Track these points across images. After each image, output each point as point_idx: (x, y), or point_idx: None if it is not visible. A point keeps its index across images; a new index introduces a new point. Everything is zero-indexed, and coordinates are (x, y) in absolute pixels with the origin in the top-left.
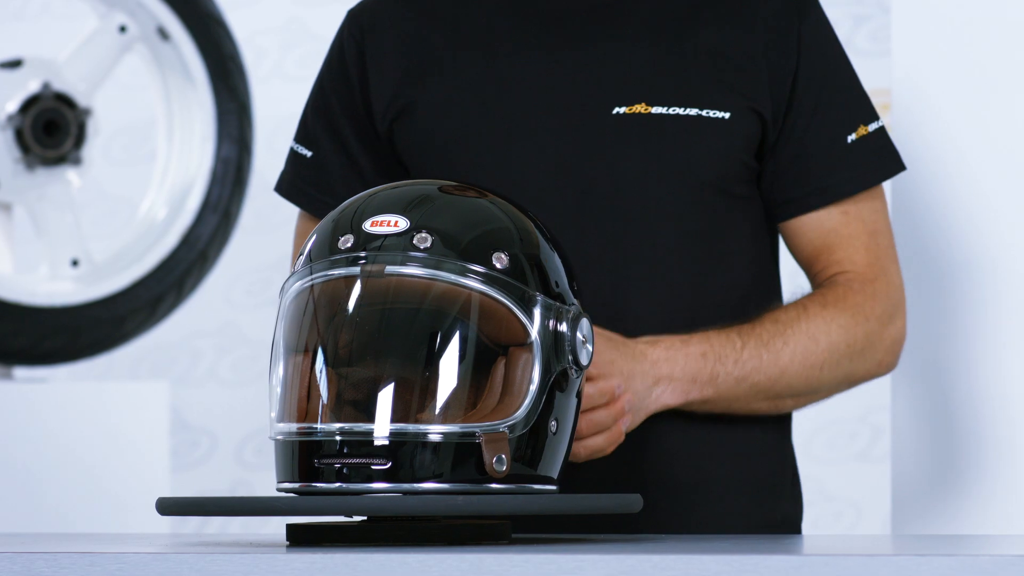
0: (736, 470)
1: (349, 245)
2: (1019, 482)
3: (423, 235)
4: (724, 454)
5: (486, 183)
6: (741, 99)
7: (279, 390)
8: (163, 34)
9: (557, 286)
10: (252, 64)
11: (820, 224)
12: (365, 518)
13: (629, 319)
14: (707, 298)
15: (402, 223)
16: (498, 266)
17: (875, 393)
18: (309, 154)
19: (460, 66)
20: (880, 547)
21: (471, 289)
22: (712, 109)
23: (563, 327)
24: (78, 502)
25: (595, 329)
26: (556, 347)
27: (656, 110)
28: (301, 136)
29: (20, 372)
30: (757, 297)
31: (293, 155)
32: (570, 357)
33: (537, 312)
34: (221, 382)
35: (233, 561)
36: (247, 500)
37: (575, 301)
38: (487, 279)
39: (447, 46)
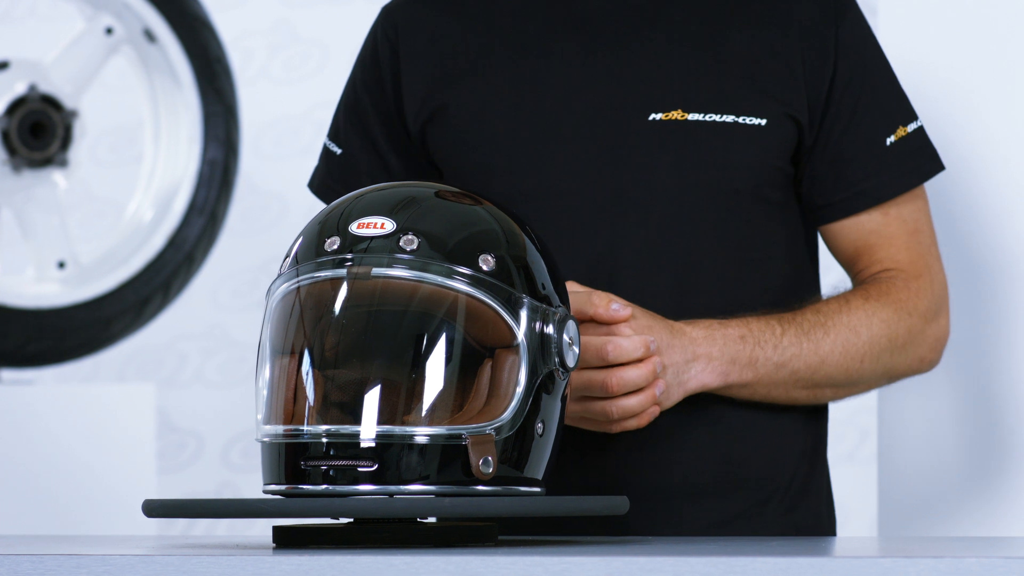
0: (732, 474)
1: (335, 247)
2: (1006, 484)
3: (409, 237)
4: (720, 458)
5: (519, 187)
6: (777, 105)
7: (265, 392)
8: (150, 36)
9: (544, 288)
10: (239, 66)
11: (860, 226)
12: (351, 520)
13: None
14: (740, 305)
15: (388, 225)
16: (484, 268)
17: (862, 395)
18: (339, 151)
19: (493, 68)
20: (866, 549)
21: (457, 291)
22: (748, 116)
23: (549, 329)
24: (64, 504)
25: (633, 305)
26: (543, 349)
27: (692, 117)
28: (332, 133)
29: (6, 374)
30: (792, 301)
31: (325, 152)
32: (556, 359)
33: (523, 314)
34: (207, 384)
35: (219, 563)
36: (233, 502)
37: (561, 303)
38: (473, 281)
39: (480, 48)
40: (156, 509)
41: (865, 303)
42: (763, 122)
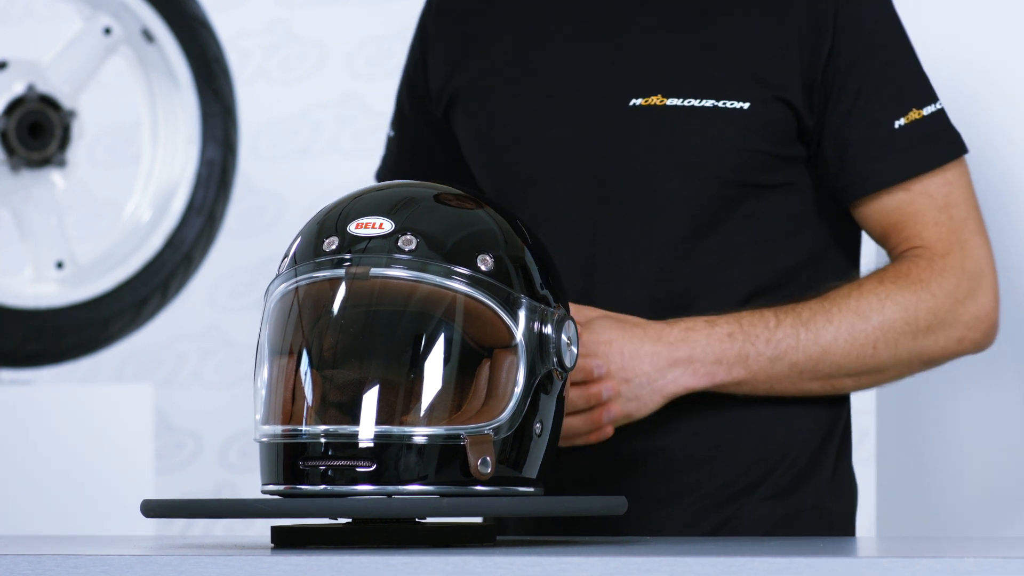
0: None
1: (334, 247)
2: (1003, 485)
3: (408, 237)
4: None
5: (516, 171)
6: (763, 89)
7: (264, 392)
8: (148, 36)
9: (542, 288)
10: (236, 66)
11: (881, 205)
12: (350, 520)
13: (636, 315)
14: (728, 291)
15: (387, 225)
16: (483, 268)
17: (860, 396)
18: (392, 134)
19: (496, 52)
20: (866, 549)
21: (456, 291)
22: (729, 100)
23: (548, 329)
24: (62, 504)
25: (608, 314)
26: (541, 349)
27: (672, 102)
28: (391, 119)
29: (4, 374)
30: (804, 284)
31: (387, 138)
32: (555, 359)
33: (522, 314)
34: (206, 384)
35: (218, 563)
36: (231, 502)
37: (560, 303)
38: (472, 281)
39: (488, 31)
40: (154, 509)
41: (879, 286)
42: (745, 106)
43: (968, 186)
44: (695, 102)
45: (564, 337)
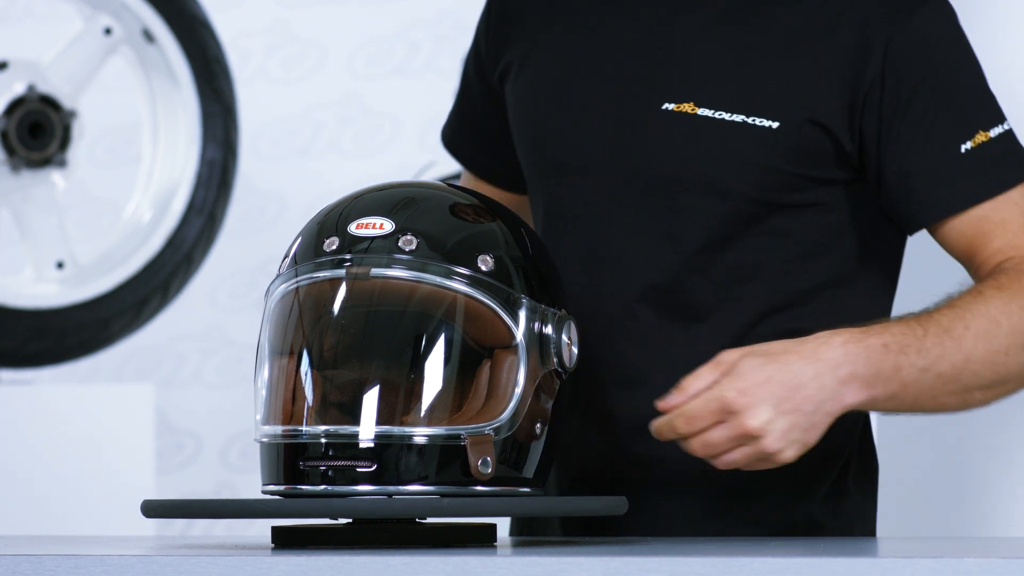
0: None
1: (334, 247)
2: (1004, 486)
3: (408, 237)
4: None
5: (549, 154)
6: (796, 109)
7: (264, 392)
8: (148, 36)
9: (543, 289)
10: (237, 66)
11: (961, 223)
12: (350, 520)
13: (638, 329)
14: (739, 307)
15: (387, 225)
16: (483, 268)
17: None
18: (457, 94)
19: (549, 31)
20: (866, 549)
21: (456, 291)
22: (759, 117)
23: (548, 329)
24: (63, 504)
25: (749, 350)
26: (541, 349)
27: (702, 112)
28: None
29: (5, 374)
30: (826, 305)
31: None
32: (555, 360)
33: (522, 314)
34: (206, 384)
35: (218, 563)
36: (232, 502)
37: (562, 304)
38: (472, 281)
39: (546, 7)
40: (155, 509)
41: (999, 292)
42: (774, 125)
43: None
44: (725, 115)
45: (565, 337)
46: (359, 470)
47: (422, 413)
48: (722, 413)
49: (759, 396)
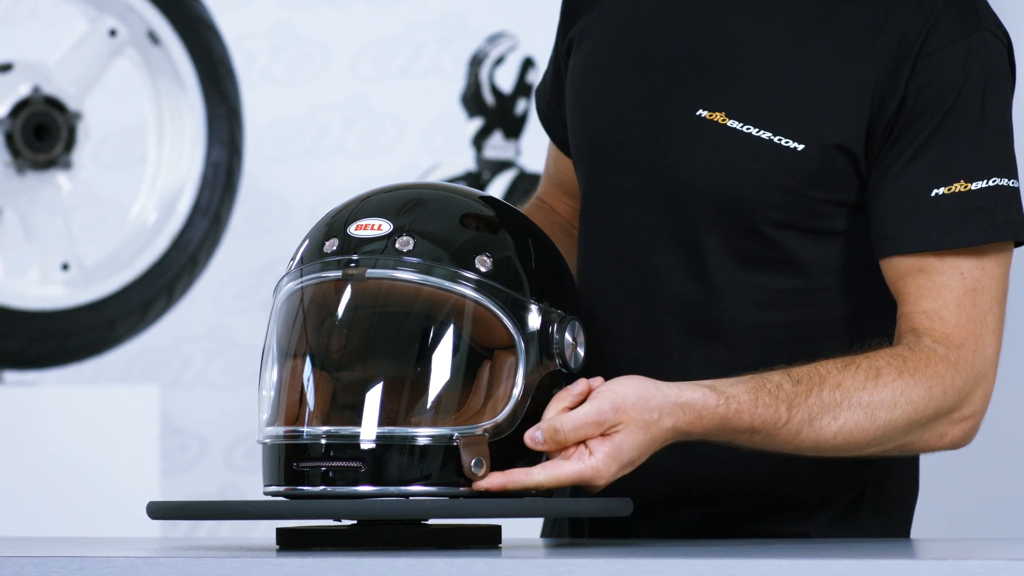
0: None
1: (334, 249)
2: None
3: (404, 239)
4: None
5: (589, 140)
6: (822, 134)
7: (265, 394)
8: (153, 38)
9: (545, 290)
10: (242, 68)
11: (906, 264)
12: (355, 522)
13: (659, 340)
14: (758, 332)
15: (385, 227)
16: (482, 269)
17: None
18: (550, 59)
19: (607, 12)
20: (867, 550)
21: (452, 292)
22: (786, 137)
23: (550, 330)
24: (68, 506)
25: (630, 379)
26: (542, 350)
27: (732, 124)
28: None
29: (10, 376)
30: (856, 332)
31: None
32: (559, 361)
33: (521, 315)
34: (211, 386)
35: (223, 565)
36: (237, 504)
37: (568, 305)
38: (469, 282)
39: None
40: (160, 511)
41: (896, 380)
42: (800, 147)
43: (1002, 277)
44: (753, 130)
45: (569, 338)
46: (360, 471)
47: (421, 414)
48: (582, 458)
49: (616, 469)
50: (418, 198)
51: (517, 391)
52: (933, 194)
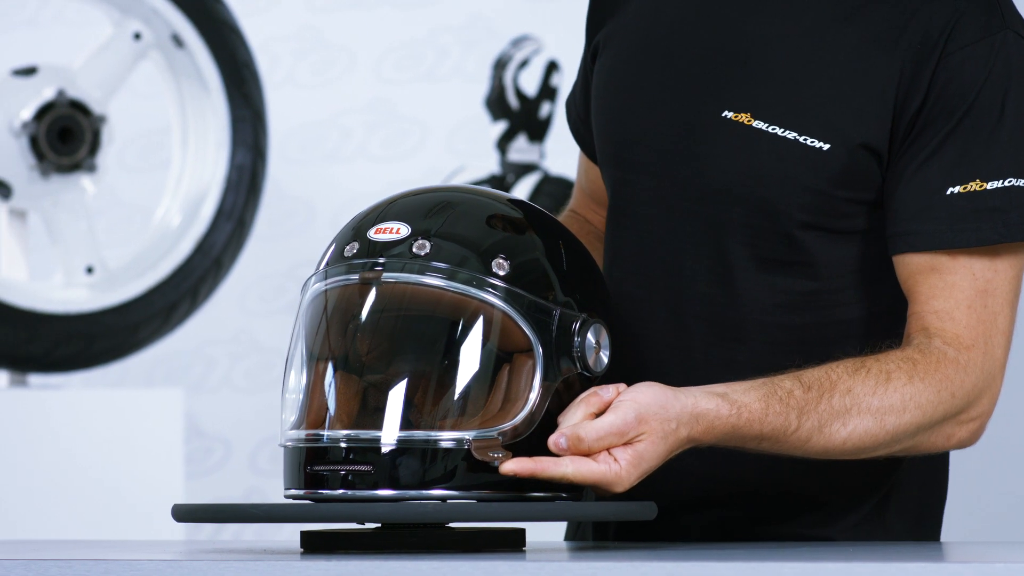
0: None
1: (354, 252)
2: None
3: (422, 242)
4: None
5: (613, 143)
6: (848, 134)
7: (287, 397)
8: (178, 41)
9: (566, 293)
10: (266, 71)
11: (918, 262)
12: (379, 525)
13: (685, 341)
14: (782, 335)
15: (403, 230)
16: (499, 273)
17: None
18: (581, 63)
19: (632, 15)
20: (867, 552)
21: (465, 295)
22: (812, 137)
23: (569, 333)
24: (92, 509)
25: (649, 387)
26: (560, 353)
27: (757, 124)
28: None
29: (35, 379)
30: (880, 333)
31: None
32: (579, 364)
33: (539, 319)
34: (235, 389)
35: (248, 568)
36: (261, 507)
37: (593, 308)
38: (482, 286)
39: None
40: (185, 514)
41: (907, 386)
42: (825, 147)
43: (1014, 279)
44: (779, 130)
45: (592, 340)
46: (379, 474)
47: (440, 417)
48: (607, 460)
49: (636, 476)
50: (442, 201)
51: (534, 395)
52: (948, 192)
